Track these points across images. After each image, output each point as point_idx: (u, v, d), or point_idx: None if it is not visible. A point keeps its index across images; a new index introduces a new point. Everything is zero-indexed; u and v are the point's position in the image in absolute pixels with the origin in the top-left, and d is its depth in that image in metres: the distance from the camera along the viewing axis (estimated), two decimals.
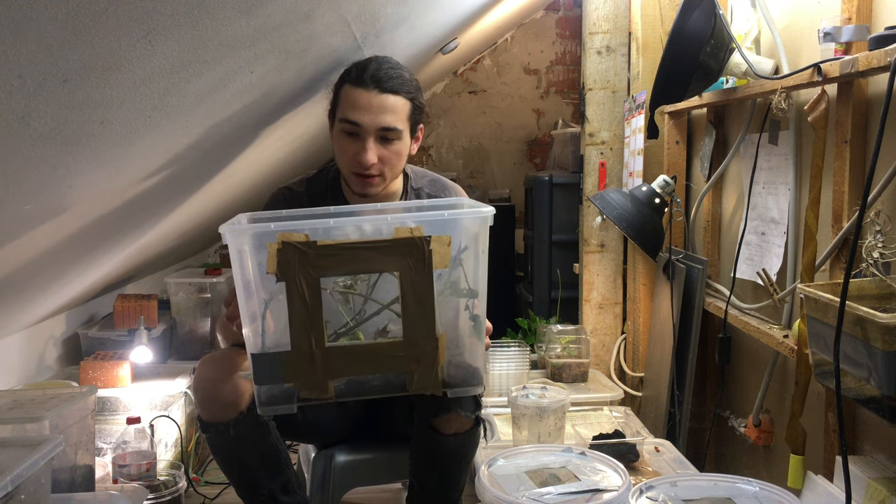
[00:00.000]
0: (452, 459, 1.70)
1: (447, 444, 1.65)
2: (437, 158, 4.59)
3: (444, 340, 1.35)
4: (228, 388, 1.62)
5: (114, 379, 2.31)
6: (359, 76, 1.64)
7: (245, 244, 1.31)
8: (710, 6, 1.84)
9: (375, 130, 1.63)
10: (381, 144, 1.65)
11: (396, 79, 1.65)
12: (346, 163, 1.68)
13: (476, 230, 1.38)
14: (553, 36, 4.53)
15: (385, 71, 1.65)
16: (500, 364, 2.53)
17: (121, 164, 1.48)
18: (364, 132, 1.63)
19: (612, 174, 2.85)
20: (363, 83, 1.63)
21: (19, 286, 1.78)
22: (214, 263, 3.86)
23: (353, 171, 1.67)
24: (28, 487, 1.22)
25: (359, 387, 1.39)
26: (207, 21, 1.11)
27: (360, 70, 1.65)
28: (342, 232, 1.33)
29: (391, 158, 1.67)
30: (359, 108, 1.63)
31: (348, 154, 1.66)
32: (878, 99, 1.53)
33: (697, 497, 1.52)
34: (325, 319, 1.33)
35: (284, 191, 1.83)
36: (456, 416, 1.64)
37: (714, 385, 2.38)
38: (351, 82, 1.65)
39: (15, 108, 0.97)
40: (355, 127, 1.63)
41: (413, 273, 1.30)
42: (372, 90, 1.63)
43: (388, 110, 1.64)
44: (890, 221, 1.43)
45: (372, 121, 1.63)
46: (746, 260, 2.08)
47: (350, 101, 1.64)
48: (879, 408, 1.29)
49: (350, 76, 1.67)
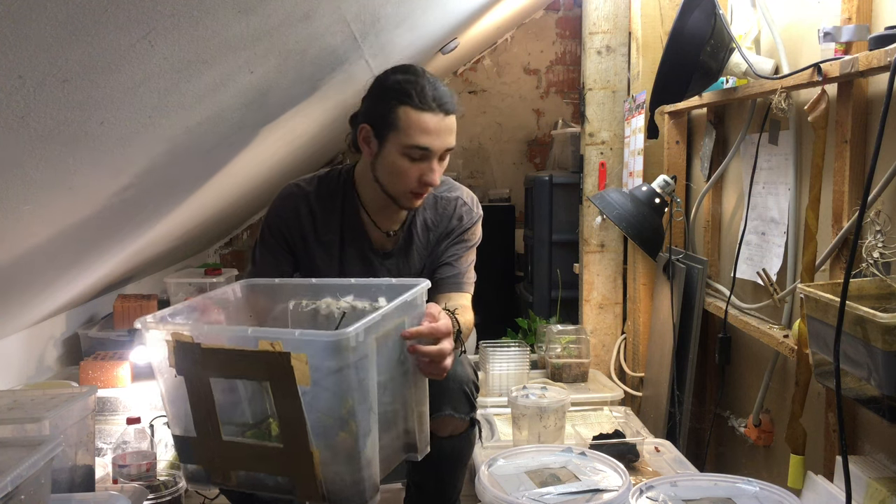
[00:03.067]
0: (449, 461, 1.71)
1: (443, 447, 1.66)
2: None
3: (318, 457, 1.30)
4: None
5: (114, 379, 2.31)
6: (422, 99, 1.62)
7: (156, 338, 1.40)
8: (710, 6, 1.84)
9: (442, 151, 1.65)
10: (440, 163, 1.68)
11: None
12: (406, 183, 1.67)
13: (352, 349, 1.25)
14: (553, 36, 4.53)
15: (440, 90, 1.64)
16: (500, 364, 2.53)
17: (121, 164, 1.47)
18: (432, 155, 1.64)
19: (612, 174, 2.84)
20: (429, 107, 1.62)
21: (20, 286, 1.78)
22: (214, 263, 3.87)
23: (412, 191, 1.68)
24: (28, 488, 1.22)
25: (257, 482, 1.41)
26: (207, 21, 1.11)
27: (420, 92, 1.62)
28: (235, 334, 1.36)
29: (441, 172, 1.71)
30: (430, 133, 1.62)
31: (411, 176, 1.66)
32: (878, 99, 1.53)
33: (697, 497, 1.52)
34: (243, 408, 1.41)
35: (294, 187, 1.82)
36: (450, 419, 1.65)
37: (714, 385, 2.38)
38: (414, 106, 1.62)
39: (15, 108, 0.97)
40: (425, 151, 1.63)
41: (279, 386, 1.28)
42: (438, 113, 1.62)
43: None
44: (890, 221, 1.43)
45: (441, 143, 1.64)
46: (746, 260, 2.08)
47: (419, 126, 1.62)
48: (879, 408, 1.29)
49: (410, 99, 1.62)
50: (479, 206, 1.90)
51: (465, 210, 1.84)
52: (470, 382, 1.69)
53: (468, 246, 1.85)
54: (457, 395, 1.66)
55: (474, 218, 1.86)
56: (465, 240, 1.83)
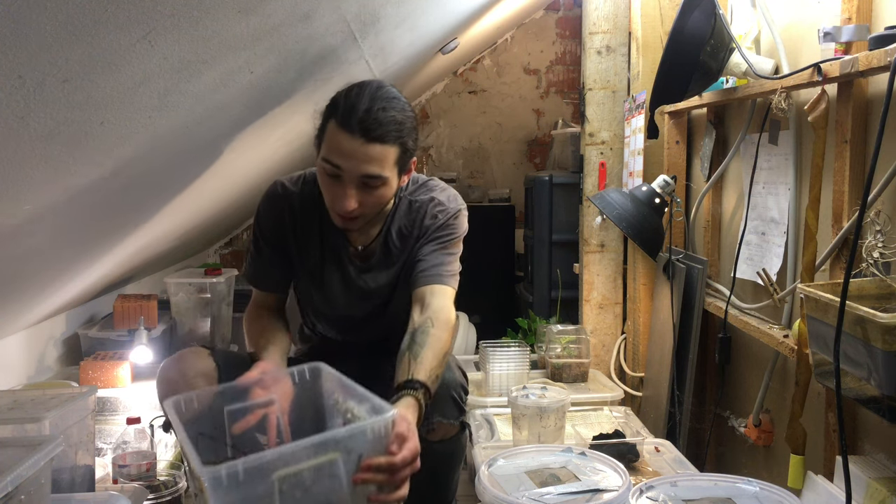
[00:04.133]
0: (441, 465, 1.72)
1: (434, 451, 1.66)
2: (437, 158, 4.59)
3: None
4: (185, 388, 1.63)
5: (114, 379, 2.31)
6: (346, 117, 1.51)
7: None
8: (710, 6, 1.84)
9: (358, 177, 1.54)
10: (363, 190, 1.56)
11: (387, 124, 1.52)
12: (326, 199, 1.62)
13: (224, 489, 1.11)
14: (553, 36, 4.53)
15: (375, 115, 1.51)
16: (500, 364, 2.53)
17: (121, 165, 1.47)
18: (346, 177, 1.54)
19: (612, 174, 2.85)
20: (349, 127, 1.51)
21: (19, 286, 1.78)
22: (214, 263, 3.87)
23: (332, 209, 1.61)
24: (28, 488, 1.22)
25: None
26: (207, 21, 1.11)
27: (349, 109, 1.52)
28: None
29: (373, 203, 1.59)
30: (342, 154, 1.52)
31: (328, 194, 1.59)
32: (878, 99, 1.53)
33: (697, 497, 1.52)
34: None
35: (279, 187, 1.78)
36: (439, 424, 1.65)
37: (714, 385, 2.38)
38: (337, 121, 1.53)
39: (15, 108, 0.97)
40: (337, 170, 1.54)
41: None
42: (357, 137, 1.51)
43: (372, 160, 1.53)
44: (890, 221, 1.43)
45: (355, 168, 1.53)
46: (746, 260, 2.08)
47: (334, 142, 1.53)
48: (879, 408, 1.29)
49: (337, 112, 1.53)
50: (459, 200, 1.80)
51: (438, 209, 1.75)
52: (458, 387, 1.69)
53: (446, 239, 1.74)
54: (445, 401, 1.65)
55: (450, 212, 1.76)
56: (439, 236, 1.74)
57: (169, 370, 1.68)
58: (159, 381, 1.68)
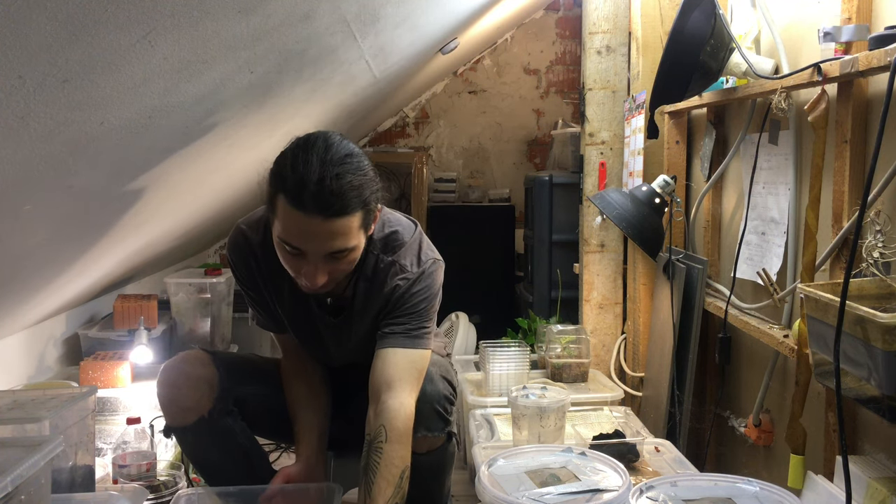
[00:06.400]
0: (429, 474, 1.72)
1: (422, 462, 1.66)
2: (437, 158, 4.59)
3: None
4: (187, 393, 1.64)
5: (114, 379, 2.31)
6: (297, 195, 1.34)
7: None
8: (710, 6, 1.84)
9: (323, 255, 1.42)
10: (331, 262, 1.44)
11: (345, 193, 1.35)
12: (291, 272, 1.49)
13: None
14: (553, 36, 4.53)
15: (329, 185, 1.34)
16: (500, 364, 2.53)
17: (121, 164, 1.48)
18: (310, 256, 1.42)
19: (612, 174, 2.84)
20: (303, 206, 1.34)
21: (20, 286, 1.78)
22: (214, 264, 3.86)
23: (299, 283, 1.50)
24: (28, 488, 1.21)
25: None
26: (207, 21, 1.11)
27: (298, 184, 1.34)
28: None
29: (342, 270, 1.48)
30: (301, 236, 1.39)
31: (292, 269, 1.46)
32: (878, 99, 1.53)
33: (697, 497, 1.52)
34: None
35: (240, 237, 1.66)
36: (424, 438, 1.64)
37: (714, 385, 2.38)
38: (288, 200, 1.35)
39: (15, 108, 0.97)
40: (298, 251, 1.42)
41: None
42: (315, 217, 1.35)
43: (337, 235, 1.39)
44: (890, 221, 1.43)
45: (319, 248, 1.40)
46: (746, 260, 2.08)
47: (289, 223, 1.38)
48: (879, 408, 1.29)
49: (285, 186, 1.35)
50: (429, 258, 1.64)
51: (399, 278, 1.60)
52: (442, 399, 1.67)
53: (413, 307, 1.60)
54: (429, 415, 1.64)
55: (413, 278, 1.60)
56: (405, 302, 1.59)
57: (170, 374, 1.67)
58: (160, 383, 1.68)
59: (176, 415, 1.66)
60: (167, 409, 1.68)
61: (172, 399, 1.66)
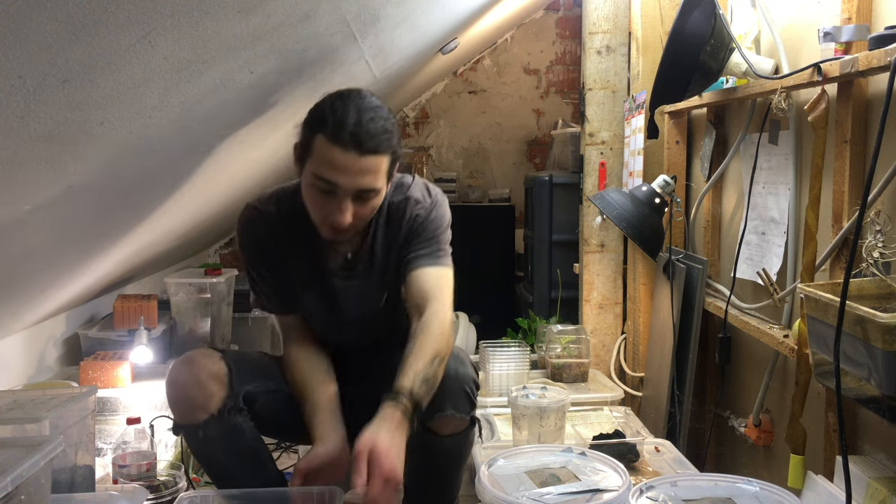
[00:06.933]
0: (449, 460, 1.71)
1: (444, 446, 1.65)
2: (437, 158, 4.59)
3: None
4: (198, 390, 1.63)
5: (114, 379, 2.30)
6: (336, 132, 1.48)
7: None
8: (710, 6, 1.84)
9: (353, 192, 1.52)
10: (357, 203, 1.54)
11: (379, 135, 1.50)
12: (316, 215, 1.59)
13: None
14: (553, 36, 4.53)
15: (365, 126, 1.48)
16: (500, 364, 2.53)
17: (121, 165, 1.48)
18: (341, 192, 1.52)
19: (612, 174, 2.85)
20: (341, 141, 1.48)
21: (19, 286, 1.78)
22: (214, 264, 3.86)
23: (324, 224, 1.58)
24: (28, 488, 1.21)
25: None
26: (207, 21, 1.11)
27: (338, 123, 1.48)
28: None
29: (366, 214, 1.58)
30: (336, 169, 1.49)
31: (320, 209, 1.56)
32: (878, 99, 1.53)
33: (697, 497, 1.52)
34: None
35: (253, 211, 1.74)
36: (451, 418, 1.64)
37: (714, 385, 2.38)
38: (327, 136, 1.49)
39: (15, 108, 0.97)
40: (331, 186, 1.51)
41: None
42: (351, 151, 1.48)
43: (368, 172, 1.51)
44: (890, 221, 1.43)
45: (351, 183, 1.51)
46: (746, 260, 2.08)
47: (326, 158, 1.49)
48: (879, 408, 1.29)
49: (325, 128, 1.49)
50: (435, 190, 1.77)
51: (417, 208, 1.71)
52: (471, 381, 1.68)
53: (433, 232, 1.71)
54: (458, 395, 1.64)
55: (429, 206, 1.72)
56: (424, 229, 1.71)
57: (179, 372, 1.66)
58: (169, 382, 1.66)
59: (186, 413, 1.64)
60: (177, 407, 1.66)
61: (182, 397, 1.64)
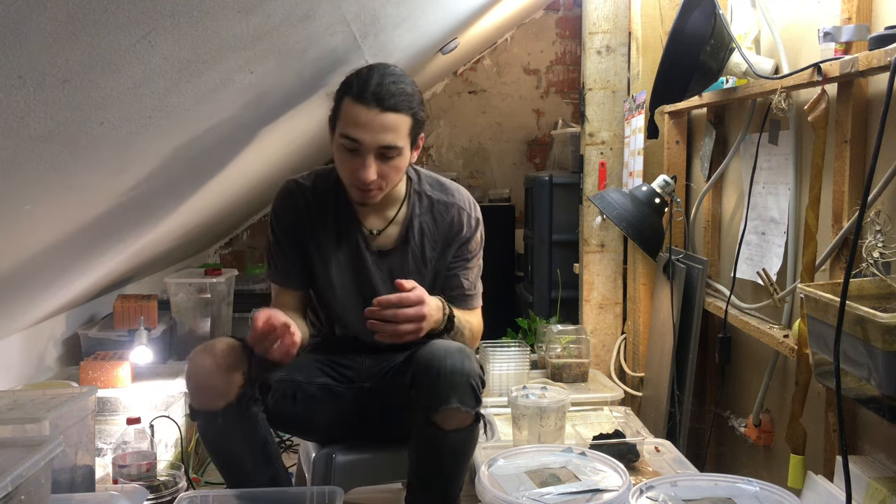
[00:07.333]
0: (453, 455, 1.70)
1: (448, 440, 1.65)
2: (437, 158, 4.59)
3: None
4: (219, 377, 1.64)
5: (114, 379, 2.31)
6: (360, 91, 1.62)
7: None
8: (710, 6, 1.84)
9: (376, 148, 1.63)
10: (381, 161, 1.66)
11: (399, 95, 1.63)
12: (345, 175, 1.70)
13: None
14: (553, 36, 4.53)
15: (387, 86, 1.62)
16: (500, 364, 2.53)
17: (121, 164, 1.48)
18: (364, 149, 1.63)
19: (612, 174, 2.85)
20: (364, 99, 1.61)
21: (19, 286, 1.78)
22: (214, 264, 3.87)
23: (352, 184, 1.70)
24: (28, 488, 1.22)
25: None
26: (207, 21, 1.11)
27: (362, 84, 1.63)
28: None
29: (390, 173, 1.68)
30: (359, 126, 1.62)
31: (347, 168, 1.68)
32: (878, 99, 1.53)
33: (697, 497, 1.52)
34: None
35: (292, 183, 1.85)
36: (457, 411, 1.63)
37: (714, 385, 2.38)
38: (352, 97, 1.63)
39: (15, 108, 0.97)
40: (355, 143, 1.63)
41: None
42: (373, 108, 1.61)
43: (389, 129, 1.63)
44: (890, 221, 1.43)
45: (372, 139, 1.62)
46: (746, 260, 2.08)
47: (350, 117, 1.63)
48: (879, 408, 1.29)
49: (351, 89, 1.64)
50: (478, 207, 1.91)
51: (465, 218, 1.85)
52: (476, 376, 1.68)
53: (473, 256, 1.91)
54: (464, 388, 1.63)
55: (474, 225, 1.88)
56: (469, 251, 1.89)
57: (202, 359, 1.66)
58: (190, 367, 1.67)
59: (206, 399, 1.65)
60: (197, 394, 1.66)
61: (204, 383, 1.65)
